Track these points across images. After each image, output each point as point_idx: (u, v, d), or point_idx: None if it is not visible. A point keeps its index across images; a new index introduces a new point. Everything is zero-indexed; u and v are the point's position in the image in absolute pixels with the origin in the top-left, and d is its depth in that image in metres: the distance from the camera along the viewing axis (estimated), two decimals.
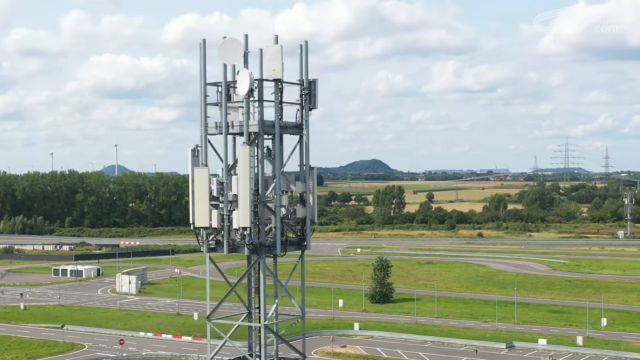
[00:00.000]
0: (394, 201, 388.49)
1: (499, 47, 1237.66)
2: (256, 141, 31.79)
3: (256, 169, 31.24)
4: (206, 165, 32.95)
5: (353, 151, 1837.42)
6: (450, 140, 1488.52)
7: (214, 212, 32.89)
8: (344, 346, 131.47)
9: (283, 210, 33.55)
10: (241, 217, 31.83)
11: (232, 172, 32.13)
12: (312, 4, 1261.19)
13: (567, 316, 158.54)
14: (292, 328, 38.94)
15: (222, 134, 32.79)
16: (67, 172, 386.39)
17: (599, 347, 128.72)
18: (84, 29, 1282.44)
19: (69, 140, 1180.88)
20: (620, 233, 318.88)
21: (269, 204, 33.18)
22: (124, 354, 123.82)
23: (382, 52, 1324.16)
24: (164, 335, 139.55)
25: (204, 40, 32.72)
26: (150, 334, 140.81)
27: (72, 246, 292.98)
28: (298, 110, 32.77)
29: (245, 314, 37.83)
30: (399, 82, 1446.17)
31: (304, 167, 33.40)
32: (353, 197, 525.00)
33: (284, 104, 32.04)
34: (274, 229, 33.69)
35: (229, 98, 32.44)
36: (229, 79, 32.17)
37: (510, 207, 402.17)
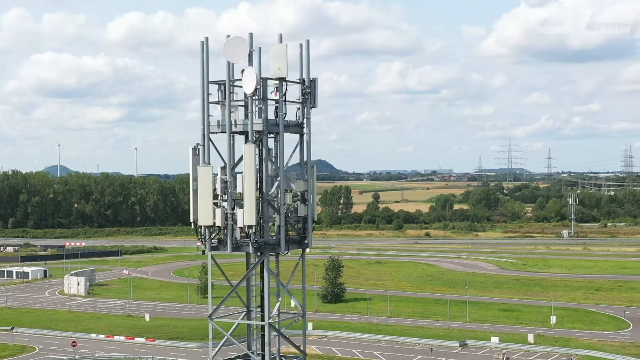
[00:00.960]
0: (341, 201, 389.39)
1: (442, 49, 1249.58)
2: (260, 140, 31.74)
3: (259, 167, 31.19)
4: (209, 164, 32.77)
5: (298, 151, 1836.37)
6: (394, 141, 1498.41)
7: (218, 210, 32.69)
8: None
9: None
10: (247, 216, 31.69)
11: (233, 170, 32.01)
12: (257, 4, 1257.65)
13: (517, 314, 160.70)
14: (291, 326, 38.69)
15: (225, 132, 32.71)
16: (10, 173, 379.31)
17: (549, 345, 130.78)
18: (25, 26, 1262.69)
19: (9, 140, 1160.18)
20: (565, 232, 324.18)
21: (272, 203, 33.14)
22: (77, 357, 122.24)
23: (327, 53, 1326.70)
24: (116, 337, 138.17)
25: (207, 39, 32.51)
26: (102, 336, 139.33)
27: (16, 247, 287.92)
28: (298, 109, 32.79)
29: (243, 313, 37.55)
30: (344, 82, 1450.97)
31: (304, 166, 33.40)
32: None
33: (280, 103, 32.01)
34: (276, 227, 33.60)
35: (225, 97, 32.47)
36: (222, 78, 32.16)
37: (456, 207, 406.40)
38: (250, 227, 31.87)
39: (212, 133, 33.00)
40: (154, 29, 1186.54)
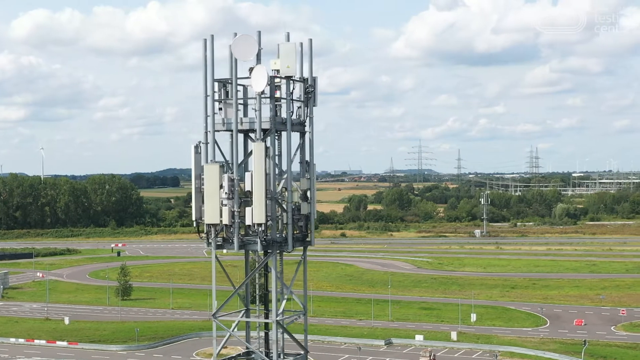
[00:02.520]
0: None
1: (352, 51, 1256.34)
2: (268, 138, 31.63)
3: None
4: (216, 162, 32.47)
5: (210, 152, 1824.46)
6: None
7: (225, 208, 32.38)
8: (226, 347, 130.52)
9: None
10: (256, 214, 31.50)
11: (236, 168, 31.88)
12: (166, 3, 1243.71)
13: (438, 312, 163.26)
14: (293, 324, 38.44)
15: (231, 130, 32.50)
16: None
17: (472, 342, 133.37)
18: None
19: None
20: (477, 232, 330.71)
21: (279, 201, 33.05)
22: None
23: None
24: (36, 341, 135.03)
25: (212, 37, 32.31)
26: (21, 340, 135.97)
27: None
28: (299, 107, 32.71)
29: (242, 311, 37.23)
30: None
31: (306, 164, 33.35)
32: None
33: (276, 101, 31.95)
34: (279, 225, 33.44)
35: (227, 95, 32.21)
36: (226, 76, 32.04)
37: (369, 207, 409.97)
38: (259, 225, 31.72)
39: (217, 131, 32.80)
40: (60, 27, 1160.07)
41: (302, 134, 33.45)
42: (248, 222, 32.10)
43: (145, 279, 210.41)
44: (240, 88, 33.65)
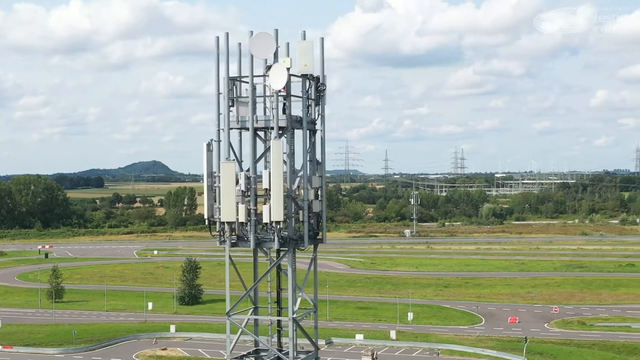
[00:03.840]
0: (185, 203, 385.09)
1: (279, 51, 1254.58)
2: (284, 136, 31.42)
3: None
4: (232, 160, 32.08)
5: (132, 152, 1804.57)
6: None
7: (241, 206, 32.02)
8: (165, 349, 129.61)
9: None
10: (275, 211, 31.21)
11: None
12: (89, 1, 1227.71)
13: (374, 312, 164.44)
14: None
15: (246, 128, 32.14)
16: None
17: (411, 340, 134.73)
18: None
19: None
20: (407, 232, 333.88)
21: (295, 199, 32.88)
22: None
23: (163, 53, 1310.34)
24: None
25: (227, 34, 31.92)
26: None
27: None
28: (309, 106, 32.47)
29: (251, 309, 36.85)
30: (179, 83, 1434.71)
31: (314, 163, 33.17)
32: (138, 199, 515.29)
33: (284, 98, 31.81)
34: (292, 223, 33.19)
35: (239, 93, 31.95)
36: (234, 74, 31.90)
37: None
38: (277, 222, 31.51)
39: (232, 129, 32.47)
40: None
41: (313, 132, 33.36)
42: (265, 219, 31.91)
43: (76, 281, 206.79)
44: (248, 86, 33.44)
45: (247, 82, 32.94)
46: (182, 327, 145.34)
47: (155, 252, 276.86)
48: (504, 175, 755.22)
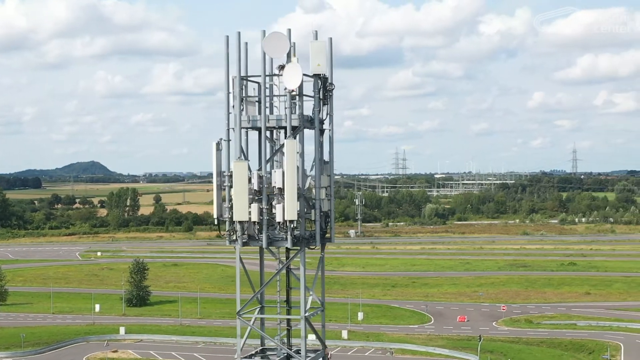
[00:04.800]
0: (127, 203, 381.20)
1: (219, 51, 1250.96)
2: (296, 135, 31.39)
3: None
4: (246, 159, 31.91)
5: (69, 152, 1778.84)
6: (170, 142, 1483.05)
7: (254, 205, 31.84)
8: (115, 351, 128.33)
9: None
10: (289, 211, 31.07)
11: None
12: None
13: (325, 312, 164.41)
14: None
15: (258, 128, 32.00)
16: None
17: (363, 340, 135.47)
18: None
19: None
20: (352, 232, 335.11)
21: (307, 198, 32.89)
22: None
23: (102, 52, 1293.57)
24: None
25: (239, 33, 31.72)
26: None
27: None
28: (321, 105, 32.50)
29: (257, 308, 36.63)
30: (118, 82, 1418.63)
31: (322, 162, 33.16)
32: (78, 200, 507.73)
33: (292, 98, 31.95)
34: (303, 222, 33.17)
35: (246, 93, 31.84)
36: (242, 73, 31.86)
37: None
38: (291, 222, 31.44)
39: (244, 128, 32.27)
40: None
41: (322, 132, 33.45)
42: (279, 219, 31.87)
43: (18, 283, 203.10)
44: (255, 85, 33.40)
45: (254, 82, 32.95)
46: (132, 329, 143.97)
47: (99, 253, 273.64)
48: (444, 175, 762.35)
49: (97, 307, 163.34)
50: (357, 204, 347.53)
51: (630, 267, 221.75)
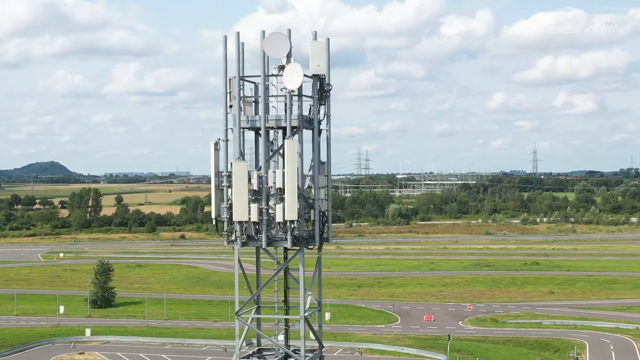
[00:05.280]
0: (89, 204, 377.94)
1: (180, 51, 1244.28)
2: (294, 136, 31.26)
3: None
4: (244, 160, 31.68)
5: (28, 153, 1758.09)
6: (130, 143, 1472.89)
7: (254, 205, 31.63)
8: (82, 353, 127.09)
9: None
10: (289, 211, 30.88)
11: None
12: None
13: (290, 312, 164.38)
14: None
15: (257, 128, 31.80)
16: None
17: (331, 340, 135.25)
18: None
19: None
20: None
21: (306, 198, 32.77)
22: None
23: (61, 51, 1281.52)
24: None
25: (238, 34, 31.47)
26: None
27: None
28: (311, 105, 32.37)
29: (254, 309, 36.39)
30: (78, 82, 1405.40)
31: (320, 162, 33.04)
32: (38, 201, 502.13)
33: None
34: (303, 222, 33.04)
35: (243, 93, 31.69)
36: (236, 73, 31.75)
37: (207, 209, 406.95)
38: (292, 222, 31.30)
39: (242, 128, 32.04)
40: None
41: (319, 132, 33.39)
42: (279, 219, 31.74)
43: None
44: (251, 86, 33.25)
45: (250, 82, 32.83)
46: (98, 331, 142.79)
47: (61, 254, 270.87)
48: (405, 176, 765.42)
49: (62, 309, 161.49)
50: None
51: (593, 266, 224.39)
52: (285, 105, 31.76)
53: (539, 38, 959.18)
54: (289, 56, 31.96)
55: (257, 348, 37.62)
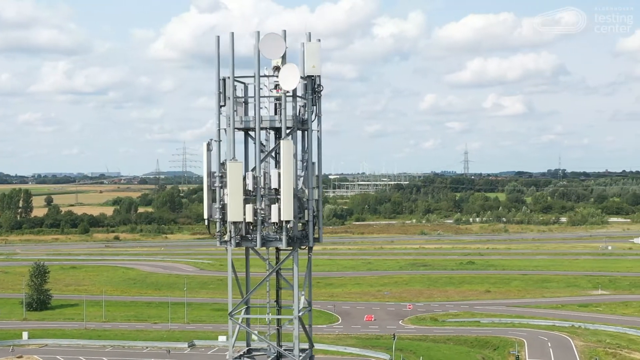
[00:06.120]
0: (20, 205, 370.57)
1: (111, 50, 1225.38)
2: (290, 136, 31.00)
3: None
4: (243, 160, 31.33)
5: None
6: (59, 143, 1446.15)
7: (248, 206, 31.30)
8: (21, 357, 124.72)
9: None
10: (285, 211, 30.64)
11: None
12: None
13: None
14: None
15: (251, 128, 31.48)
16: None
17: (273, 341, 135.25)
18: None
19: None
20: None
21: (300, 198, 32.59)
22: None
23: None
24: None
25: (232, 34, 31.05)
26: None
27: None
28: (302, 106, 32.21)
29: (243, 309, 36.04)
30: (5, 81, 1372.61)
31: (311, 163, 32.92)
32: None
33: (277, 99, 31.74)
34: (296, 222, 32.85)
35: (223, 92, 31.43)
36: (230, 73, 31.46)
37: (140, 210, 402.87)
38: (287, 222, 31.10)
39: (238, 129, 31.71)
40: None
41: (310, 133, 33.37)
42: (274, 219, 31.59)
43: None
44: (241, 86, 32.99)
45: (241, 83, 32.71)
46: (35, 334, 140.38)
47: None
48: (338, 176, 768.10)
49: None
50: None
51: (526, 265, 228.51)
52: (276, 106, 31.76)
53: (470, 40, 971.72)
54: (284, 57, 31.97)
55: (247, 348, 37.50)
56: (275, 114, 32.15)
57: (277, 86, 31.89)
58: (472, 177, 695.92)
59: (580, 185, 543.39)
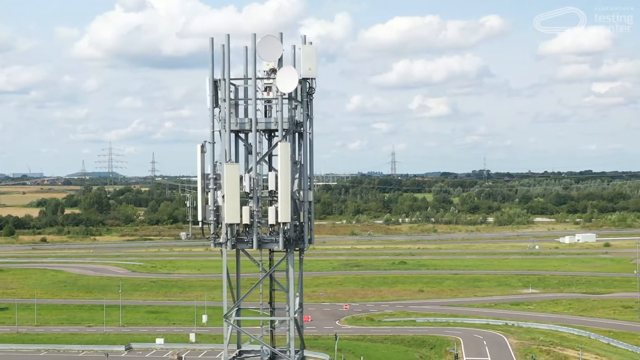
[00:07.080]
0: None
1: (34, 49, 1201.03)
2: (285, 138, 30.71)
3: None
4: (236, 162, 30.89)
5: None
6: None
7: (245, 208, 30.90)
8: None
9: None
10: (282, 213, 30.32)
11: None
12: None
13: (166, 315, 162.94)
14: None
15: (248, 130, 31.08)
16: None
17: (212, 342, 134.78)
18: None
19: None
20: (183, 234, 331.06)
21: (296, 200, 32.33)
22: None
23: None
24: None
25: (228, 36, 30.63)
26: None
27: None
28: (294, 108, 31.98)
29: (234, 311, 35.57)
30: None
31: (302, 164, 32.73)
32: None
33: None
34: (292, 224, 32.59)
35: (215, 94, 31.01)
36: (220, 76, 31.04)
37: (67, 211, 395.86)
38: (284, 224, 30.86)
39: (233, 131, 31.31)
40: None
41: (300, 135, 33.27)
42: (271, 221, 31.36)
43: None
44: (232, 88, 32.67)
45: (232, 84, 32.50)
46: None
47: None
48: None
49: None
50: (187, 206, 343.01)
51: (457, 264, 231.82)
52: (266, 109, 31.69)
53: (395, 42, 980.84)
54: (280, 59, 31.90)
55: (238, 350, 37.33)
56: (265, 116, 32.14)
57: (267, 88, 31.92)
58: (399, 177, 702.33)
59: (505, 186, 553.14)
